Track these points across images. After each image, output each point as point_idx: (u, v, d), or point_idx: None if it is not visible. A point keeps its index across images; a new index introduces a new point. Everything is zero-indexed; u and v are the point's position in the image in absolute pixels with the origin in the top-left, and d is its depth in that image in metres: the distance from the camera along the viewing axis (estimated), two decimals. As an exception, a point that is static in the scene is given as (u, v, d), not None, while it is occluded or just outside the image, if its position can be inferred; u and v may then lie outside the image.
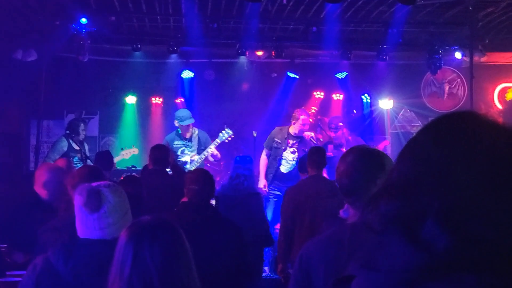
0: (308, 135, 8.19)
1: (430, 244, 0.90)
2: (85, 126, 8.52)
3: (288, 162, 8.08)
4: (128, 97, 10.84)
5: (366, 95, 11.22)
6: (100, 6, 8.78)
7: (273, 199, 7.85)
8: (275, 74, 10.83)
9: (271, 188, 8.01)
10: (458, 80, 11.49)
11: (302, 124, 8.12)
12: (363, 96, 11.24)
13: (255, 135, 9.04)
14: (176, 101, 10.67)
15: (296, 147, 8.09)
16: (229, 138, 8.30)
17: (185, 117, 8.21)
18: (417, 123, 11.32)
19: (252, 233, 5.41)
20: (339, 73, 10.79)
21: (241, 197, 5.71)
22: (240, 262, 4.01)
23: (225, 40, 9.77)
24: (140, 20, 9.54)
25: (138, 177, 5.33)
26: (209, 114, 10.20)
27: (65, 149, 8.07)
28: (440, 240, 0.90)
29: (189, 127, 8.21)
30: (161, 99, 11.09)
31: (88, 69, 9.68)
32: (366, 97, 11.24)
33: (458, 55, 10.17)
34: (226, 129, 8.24)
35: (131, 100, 10.88)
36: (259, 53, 10.36)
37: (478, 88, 10.02)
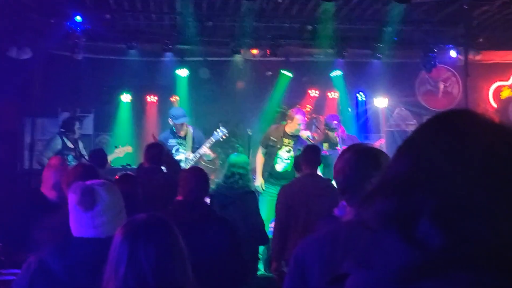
0: (305, 135, 8.18)
1: (425, 242, 0.90)
2: (80, 124, 8.50)
3: (284, 161, 8.07)
4: (123, 95, 10.80)
5: (361, 93, 11.23)
6: (95, 4, 8.77)
7: (268, 197, 7.84)
8: (270, 73, 10.82)
9: (266, 186, 8.01)
10: (453, 79, 11.50)
11: (298, 124, 8.11)
12: (358, 94, 11.24)
13: (250, 134, 9.02)
14: (171, 99, 10.65)
15: (292, 146, 8.08)
16: (224, 137, 8.27)
17: (180, 115, 8.16)
18: (412, 122, 11.34)
19: (247, 231, 5.42)
20: (334, 71, 10.76)
21: (236, 196, 5.72)
22: (235, 260, 4.01)
23: (220, 39, 9.77)
24: (135, 18, 9.53)
25: (134, 176, 5.30)
26: (204, 113, 10.16)
27: (59, 147, 8.05)
28: (435, 239, 0.90)
29: (184, 126, 8.18)
30: (156, 97, 11.06)
31: (83, 67, 9.63)
32: (361, 95, 11.25)
33: (453, 54, 10.19)
34: (221, 128, 8.21)
35: (126, 98, 10.84)
36: (254, 52, 10.34)
37: (473, 87, 10.05)
